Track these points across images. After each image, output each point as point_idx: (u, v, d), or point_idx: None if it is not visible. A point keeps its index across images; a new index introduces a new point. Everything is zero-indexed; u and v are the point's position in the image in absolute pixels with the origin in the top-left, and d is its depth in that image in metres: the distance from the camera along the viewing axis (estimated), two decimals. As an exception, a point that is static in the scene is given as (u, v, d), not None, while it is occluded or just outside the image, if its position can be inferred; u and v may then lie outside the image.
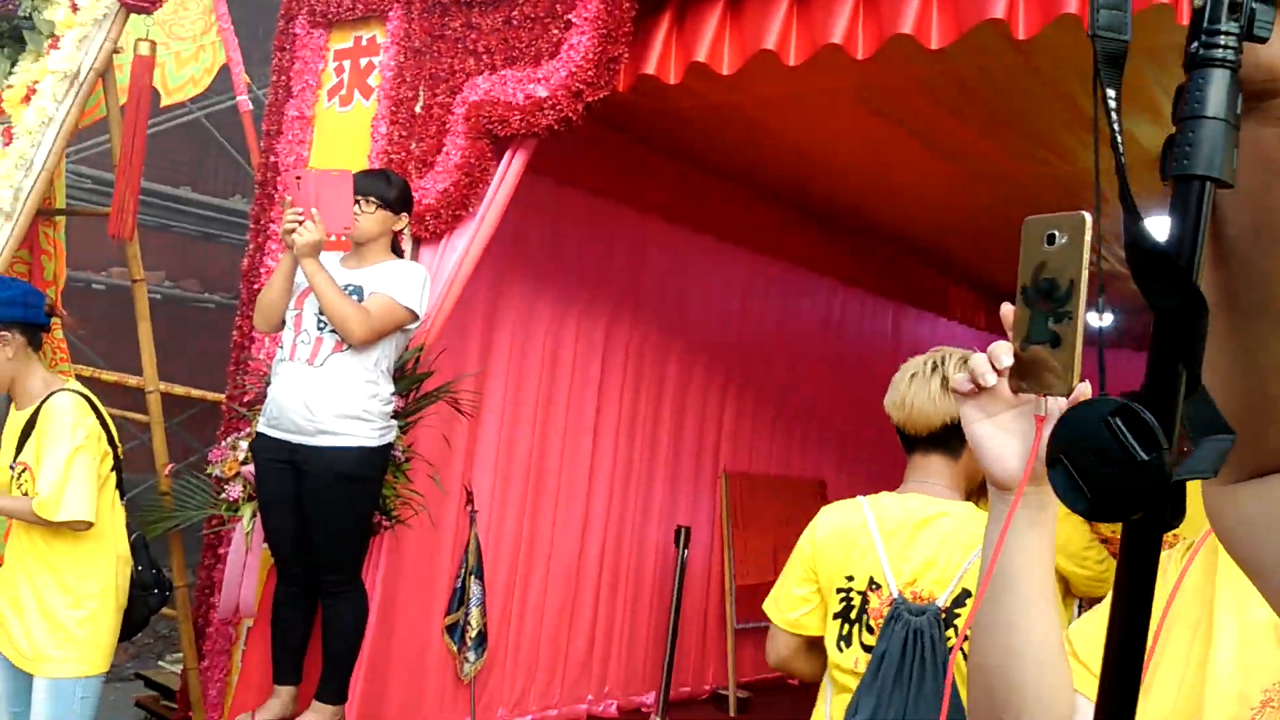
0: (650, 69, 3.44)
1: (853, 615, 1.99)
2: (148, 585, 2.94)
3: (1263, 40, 0.53)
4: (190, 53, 3.94)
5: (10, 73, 3.41)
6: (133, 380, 4.48)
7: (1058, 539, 1.06)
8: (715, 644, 5.69)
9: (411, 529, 3.57)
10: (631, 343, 5.25)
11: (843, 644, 1.99)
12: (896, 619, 1.90)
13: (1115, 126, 0.58)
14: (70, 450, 2.63)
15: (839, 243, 6.40)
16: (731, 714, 5.46)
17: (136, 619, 2.91)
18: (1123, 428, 0.55)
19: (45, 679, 2.68)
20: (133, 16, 3.45)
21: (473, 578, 4.24)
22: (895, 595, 1.94)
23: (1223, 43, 0.53)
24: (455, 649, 4.28)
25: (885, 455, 6.98)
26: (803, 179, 5.47)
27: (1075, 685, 0.97)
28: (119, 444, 2.88)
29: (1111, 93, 0.59)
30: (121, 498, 2.90)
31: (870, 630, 1.96)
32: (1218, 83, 0.53)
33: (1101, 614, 1.10)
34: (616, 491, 5.19)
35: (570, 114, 3.44)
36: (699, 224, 5.47)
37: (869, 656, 1.92)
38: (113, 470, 2.83)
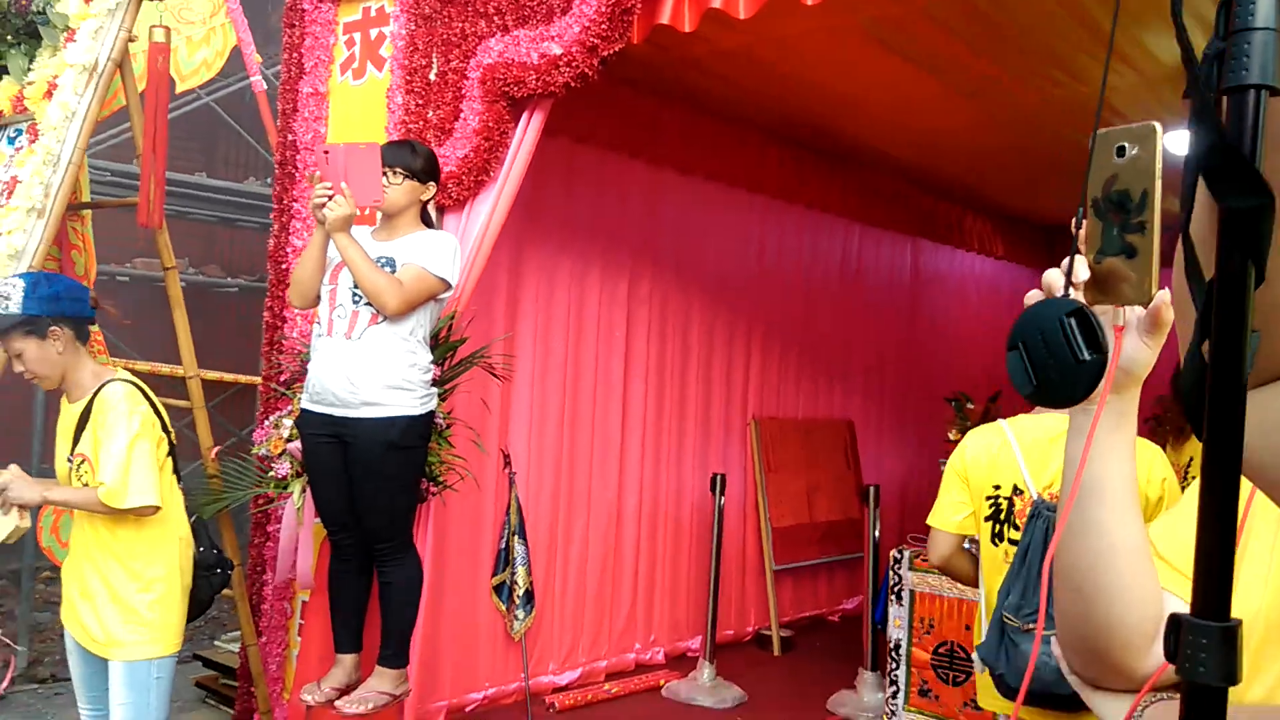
0: (664, 19, 3.39)
1: (1001, 517, 2.49)
2: (210, 565, 3.00)
3: None
4: (201, 36, 3.93)
5: (29, 69, 3.42)
6: (165, 369, 4.54)
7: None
8: (755, 587, 5.77)
9: (457, 494, 3.62)
10: (654, 295, 5.27)
11: (995, 540, 2.48)
12: (1037, 516, 2.33)
13: (1179, 22, 0.58)
14: (129, 438, 2.68)
15: (854, 181, 6.37)
16: (776, 653, 5.55)
17: (202, 598, 2.97)
18: (1074, 327, 0.57)
19: (121, 662, 2.74)
20: (144, 4, 3.45)
21: (516, 538, 4.32)
22: (1035, 497, 2.39)
23: None
24: (504, 608, 4.37)
25: (912, 390, 7.04)
26: (815, 119, 5.44)
27: (1162, 584, 1.00)
28: (171, 429, 2.93)
29: None
30: (178, 481, 2.96)
31: (1016, 528, 2.42)
32: None
33: (1179, 513, 1.13)
34: (649, 443, 5.25)
35: (586, 69, 3.41)
36: (712, 172, 5.45)
37: (1015, 550, 2.34)
38: (168, 455, 2.89)
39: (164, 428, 2.87)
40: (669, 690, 4.84)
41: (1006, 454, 2.49)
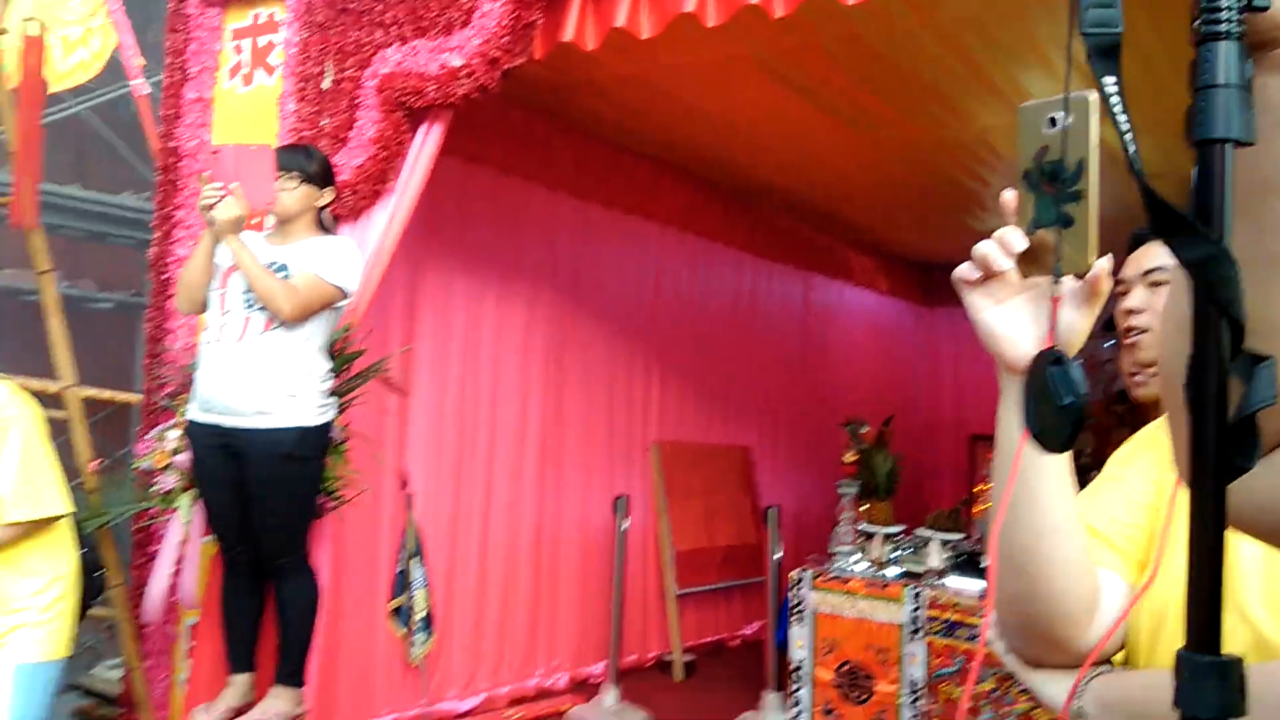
0: (568, 36, 3.38)
1: None
2: (90, 568, 2.82)
3: (1264, 10, 0.58)
4: (78, 37, 3.74)
5: None
6: (35, 384, 4.27)
7: None
8: (656, 611, 5.72)
9: (352, 513, 3.50)
10: (553, 319, 5.23)
11: None
12: None
13: (1121, 114, 0.60)
14: (31, 442, 2.51)
15: (747, 215, 6.48)
16: (678, 678, 5.49)
17: (85, 603, 2.80)
18: (1055, 376, 0.65)
19: (13, 664, 2.53)
20: (14, -3, 3.28)
21: (414, 560, 4.20)
22: None
23: (1224, 17, 0.57)
24: (402, 633, 4.22)
25: (807, 417, 7.15)
26: (709, 151, 5.51)
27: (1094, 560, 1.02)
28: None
29: (1111, 80, 0.61)
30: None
31: None
32: (1224, 53, 0.57)
33: (1097, 483, 1.16)
34: (549, 465, 5.18)
35: (487, 82, 3.38)
36: (608, 199, 5.46)
37: None
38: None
39: None
40: (572, 716, 4.74)
41: None
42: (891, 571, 4.28)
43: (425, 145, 3.55)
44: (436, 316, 4.62)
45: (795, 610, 4.29)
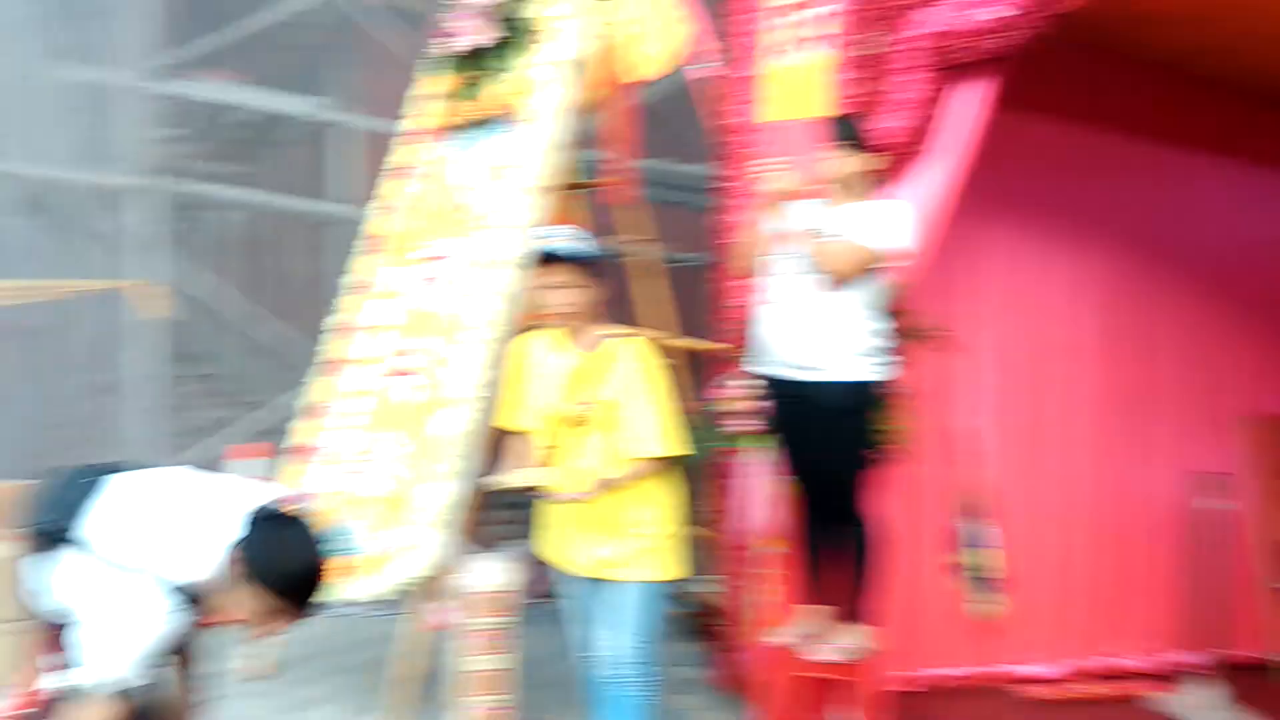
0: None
1: None
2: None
3: None
4: (658, 29, 4.18)
5: (505, 69, 3.85)
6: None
7: None
8: (1248, 605, 5.04)
9: (915, 467, 3.64)
10: (1118, 273, 4.88)
11: None
12: None
13: None
14: (668, 392, 2.89)
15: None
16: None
17: None
18: None
19: (640, 581, 2.90)
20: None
21: (973, 519, 4.24)
22: None
23: None
24: (965, 589, 4.29)
25: None
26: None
27: None
28: None
29: None
30: None
31: None
32: None
33: None
34: (1118, 434, 4.86)
35: (1039, 30, 3.25)
36: (1182, 138, 4.87)
37: None
38: None
39: None
40: (1159, 703, 4.41)
41: None
42: None
43: (974, 102, 3.50)
44: (999, 273, 4.56)
45: None
